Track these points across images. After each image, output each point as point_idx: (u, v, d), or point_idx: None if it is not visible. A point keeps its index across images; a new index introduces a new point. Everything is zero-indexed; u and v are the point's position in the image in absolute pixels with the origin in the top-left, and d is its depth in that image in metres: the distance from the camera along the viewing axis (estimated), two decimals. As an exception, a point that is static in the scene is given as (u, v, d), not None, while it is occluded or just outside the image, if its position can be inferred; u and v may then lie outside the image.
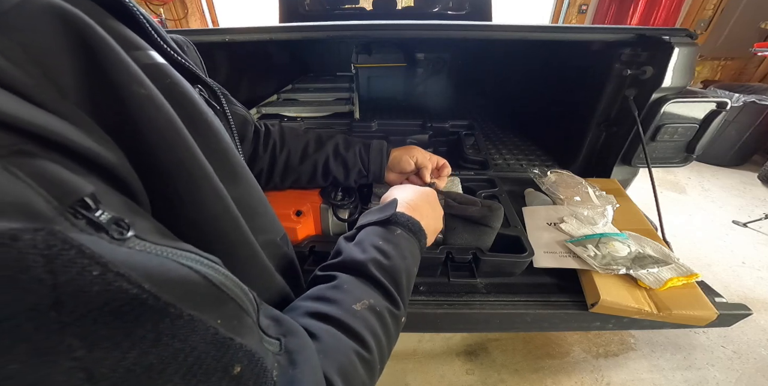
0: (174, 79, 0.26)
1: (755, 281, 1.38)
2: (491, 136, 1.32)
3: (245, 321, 0.20)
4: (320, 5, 2.29)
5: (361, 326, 0.28)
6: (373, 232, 0.36)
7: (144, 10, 0.28)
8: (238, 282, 0.21)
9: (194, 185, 0.23)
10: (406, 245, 0.36)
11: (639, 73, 0.78)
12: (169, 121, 0.22)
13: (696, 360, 1.08)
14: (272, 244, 0.34)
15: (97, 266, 0.13)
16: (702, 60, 2.96)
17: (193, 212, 0.24)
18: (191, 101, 0.27)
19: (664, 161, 0.89)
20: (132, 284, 0.14)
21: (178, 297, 0.16)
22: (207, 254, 0.20)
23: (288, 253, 0.37)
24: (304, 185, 0.64)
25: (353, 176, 0.63)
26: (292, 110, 1.31)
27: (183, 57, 0.32)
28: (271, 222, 0.35)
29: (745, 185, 2.15)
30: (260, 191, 0.34)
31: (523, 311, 0.59)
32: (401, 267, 0.33)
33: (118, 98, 0.20)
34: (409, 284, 0.34)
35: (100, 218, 0.15)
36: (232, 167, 0.30)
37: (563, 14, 3.45)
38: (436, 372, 1.05)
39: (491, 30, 0.79)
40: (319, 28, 0.78)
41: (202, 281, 0.18)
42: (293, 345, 0.24)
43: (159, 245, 0.17)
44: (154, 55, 0.26)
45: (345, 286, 0.31)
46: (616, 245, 0.64)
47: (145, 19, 0.27)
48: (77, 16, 0.19)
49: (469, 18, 2.16)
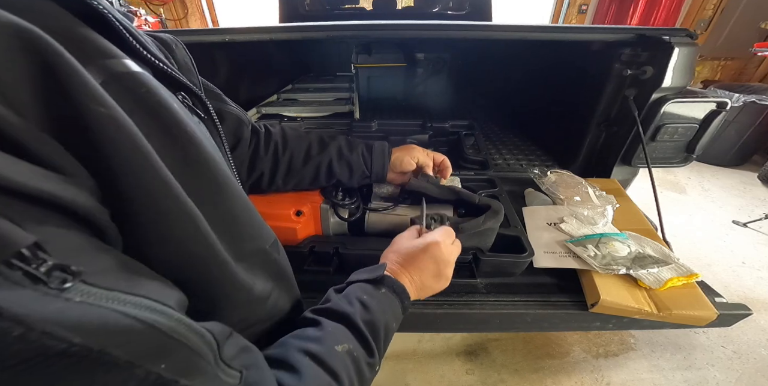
0: (150, 88, 0.25)
1: (755, 281, 1.38)
2: (491, 136, 1.32)
3: (196, 363, 0.20)
4: (320, 5, 2.29)
5: (339, 366, 0.30)
6: (360, 288, 0.39)
7: (119, 15, 0.27)
8: (191, 325, 0.21)
9: (162, 206, 0.22)
10: (389, 303, 0.39)
11: (639, 73, 0.78)
12: (132, 141, 0.21)
13: (696, 360, 1.08)
14: (261, 252, 0.34)
15: (19, 326, 0.13)
16: (702, 60, 2.96)
17: (160, 234, 0.23)
18: (169, 110, 0.26)
19: (664, 161, 0.89)
20: (59, 340, 0.14)
21: (116, 346, 0.16)
22: (164, 296, 0.20)
23: (279, 260, 0.37)
24: (307, 187, 0.64)
25: (356, 177, 0.63)
26: (292, 110, 1.31)
27: (164, 63, 0.31)
28: (258, 230, 0.34)
29: (745, 185, 2.15)
30: (246, 200, 0.33)
31: (523, 311, 0.59)
32: (381, 321, 0.36)
33: (79, 117, 0.19)
34: (386, 338, 0.37)
35: (39, 269, 0.15)
36: (215, 177, 0.29)
37: (563, 14, 3.45)
38: (436, 372, 1.05)
39: (491, 30, 0.79)
40: (319, 28, 0.78)
41: (145, 329, 0.18)
42: (253, 378, 0.24)
43: (106, 291, 0.17)
44: (129, 64, 0.25)
45: (329, 329, 0.33)
46: (616, 245, 0.64)
47: (121, 24, 0.26)
48: (32, 31, 0.18)
49: (469, 18, 2.16)
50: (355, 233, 0.68)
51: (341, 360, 0.31)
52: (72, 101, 0.18)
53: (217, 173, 0.29)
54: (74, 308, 0.15)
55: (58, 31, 0.21)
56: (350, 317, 0.34)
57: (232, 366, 0.23)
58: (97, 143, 0.19)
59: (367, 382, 0.33)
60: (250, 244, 0.32)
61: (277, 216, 0.62)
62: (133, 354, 0.17)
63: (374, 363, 0.34)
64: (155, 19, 3.02)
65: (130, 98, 0.23)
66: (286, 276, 0.39)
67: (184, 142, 0.26)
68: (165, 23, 3.30)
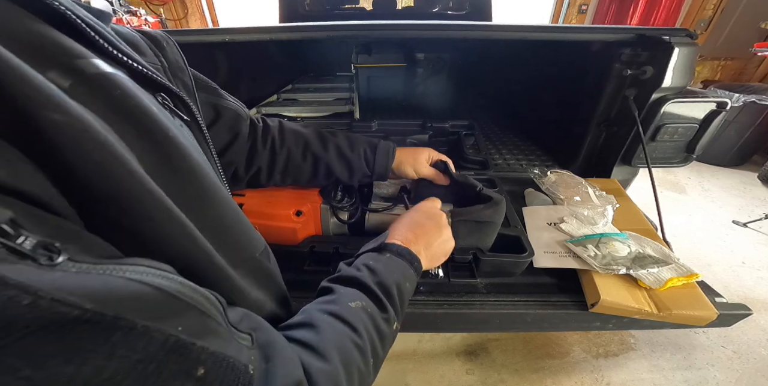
0: (125, 90, 0.24)
1: (755, 281, 1.38)
2: (491, 136, 1.32)
3: (208, 324, 0.21)
4: (320, 5, 2.29)
5: (355, 319, 0.32)
6: (366, 256, 0.42)
7: (84, 13, 0.25)
8: (196, 288, 0.21)
9: (145, 212, 0.21)
10: (395, 265, 0.41)
11: (639, 73, 0.78)
12: (102, 147, 0.20)
13: (696, 360, 1.08)
14: (251, 260, 0.33)
15: (27, 295, 0.13)
16: (702, 60, 2.96)
17: (148, 238, 0.22)
18: (147, 114, 0.24)
19: (664, 161, 0.89)
20: (71, 306, 0.14)
21: (129, 310, 0.16)
22: (159, 263, 0.20)
23: (269, 267, 0.36)
24: (305, 183, 0.63)
25: (357, 177, 0.62)
26: (292, 110, 1.31)
27: (139, 63, 0.29)
28: (248, 238, 0.34)
29: (745, 185, 2.15)
30: (235, 208, 0.32)
31: (523, 311, 0.59)
32: (390, 280, 0.38)
33: (28, 125, 0.18)
34: (401, 296, 0.38)
35: (23, 245, 0.14)
36: (201, 184, 0.27)
37: (563, 14, 3.46)
38: (436, 372, 1.05)
39: (491, 30, 0.79)
40: (319, 28, 0.78)
41: (154, 292, 0.18)
42: (263, 339, 0.25)
43: (100, 265, 0.17)
44: (99, 64, 0.23)
45: (341, 291, 0.36)
46: (616, 245, 0.64)
47: (84, 23, 0.24)
48: None
49: (469, 18, 2.16)
50: (355, 233, 0.68)
51: (356, 314, 0.33)
52: (19, 110, 0.17)
53: (203, 180, 0.28)
54: (75, 277, 0.15)
55: (14, 33, 0.20)
56: (359, 279, 0.37)
57: (240, 329, 0.23)
58: (54, 150, 0.18)
59: (387, 337, 0.35)
60: (238, 253, 0.31)
61: (277, 216, 0.62)
62: (148, 317, 0.17)
63: (389, 319, 0.36)
64: (155, 19, 3.02)
65: (103, 102, 0.22)
66: (276, 284, 0.38)
67: (167, 147, 0.25)
68: (165, 23, 3.30)
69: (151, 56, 0.34)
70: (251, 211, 0.63)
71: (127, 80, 0.25)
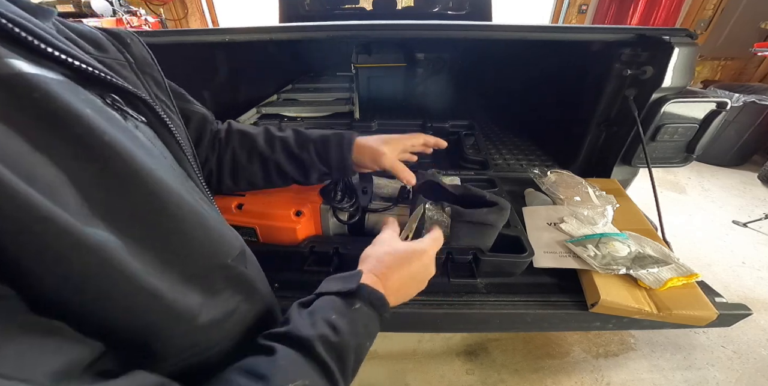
0: (48, 92, 0.21)
1: (755, 281, 1.38)
2: (491, 136, 1.32)
3: None
4: (320, 5, 2.29)
5: None
6: (329, 303, 0.34)
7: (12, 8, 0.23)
8: None
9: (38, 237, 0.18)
10: (363, 321, 0.34)
11: (639, 73, 0.78)
12: None
13: (696, 360, 1.08)
14: (223, 267, 0.30)
15: None
16: (702, 60, 2.96)
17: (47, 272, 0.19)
18: (78, 118, 0.22)
19: (664, 161, 0.89)
20: None
21: None
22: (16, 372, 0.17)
23: (245, 273, 0.33)
24: (262, 186, 0.60)
25: (315, 176, 0.58)
26: (292, 110, 1.31)
27: (86, 62, 0.26)
28: (217, 246, 0.30)
29: (745, 185, 2.15)
30: (200, 214, 0.28)
31: (523, 311, 0.59)
32: (350, 345, 0.31)
33: None
34: (356, 363, 0.32)
35: None
36: (151, 191, 0.25)
37: (563, 14, 3.45)
38: (436, 372, 1.05)
39: (491, 30, 0.79)
40: (319, 28, 0.78)
41: None
42: None
43: None
44: (17, 64, 0.21)
45: (281, 362, 0.28)
46: (616, 245, 0.64)
47: (6, 19, 0.22)
48: None
49: (469, 18, 2.16)
50: (356, 233, 0.68)
51: None
52: None
53: (155, 186, 0.25)
54: None
55: None
56: (311, 344, 0.29)
57: None
58: None
59: None
60: (205, 261, 0.29)
61: (277, 216, 0.62)
62: None
63: None
64: (155, 19, 3.01)
65: (14, 105, 0.20)
66: (255, 288, 0.35)
67: (101, 151, 0.22)
68: (165, 23, 3.30)
69: (114, 53, 0.33)
70: (251, 211, 0.63)
71: (54, 81, 0.22)
